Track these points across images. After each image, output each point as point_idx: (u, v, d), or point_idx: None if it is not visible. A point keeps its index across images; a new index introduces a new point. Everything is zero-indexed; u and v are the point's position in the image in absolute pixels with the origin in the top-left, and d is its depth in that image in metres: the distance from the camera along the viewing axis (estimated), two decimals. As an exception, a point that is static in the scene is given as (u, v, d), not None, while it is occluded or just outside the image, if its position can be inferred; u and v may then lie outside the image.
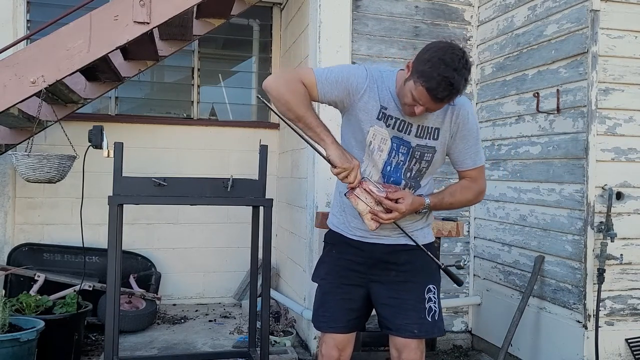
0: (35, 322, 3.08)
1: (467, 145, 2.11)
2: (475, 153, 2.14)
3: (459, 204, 2.24)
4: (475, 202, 2.27)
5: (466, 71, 1.87)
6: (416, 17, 4.01)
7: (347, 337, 2.24)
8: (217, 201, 3.02)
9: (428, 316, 2.13)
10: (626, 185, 3.14)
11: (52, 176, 3.43)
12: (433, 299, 2.15)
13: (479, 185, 2.19)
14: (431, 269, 2.20)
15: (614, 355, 3.12)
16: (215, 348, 3.75)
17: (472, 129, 2.10)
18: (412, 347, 2.12)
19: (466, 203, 2.27)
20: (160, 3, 3.23)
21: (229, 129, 5.07)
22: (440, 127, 2.07)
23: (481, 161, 2.17)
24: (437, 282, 2.22)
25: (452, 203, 2.19)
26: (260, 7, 4.92)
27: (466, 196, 2.18)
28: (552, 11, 3.38)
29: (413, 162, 2.10)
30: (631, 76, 3.13)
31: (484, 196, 2.26)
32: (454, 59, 1.84)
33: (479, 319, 4.09)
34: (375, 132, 2.08)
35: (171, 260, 4.87)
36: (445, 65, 1.83)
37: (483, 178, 2.20)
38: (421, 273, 2.17)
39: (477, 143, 2.13)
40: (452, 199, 2.17)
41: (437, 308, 2.16)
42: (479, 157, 2.16)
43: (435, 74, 1.83)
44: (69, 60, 3.18)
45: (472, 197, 2.21)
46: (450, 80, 1.83)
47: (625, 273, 3.15)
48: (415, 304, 2.13)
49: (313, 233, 3.78)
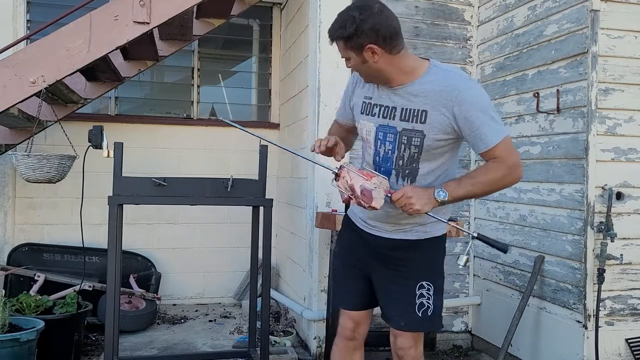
0: (35, 322, 3.08)
1: (473, 128, 1.96)
2: (485, 134, 1.95)
3: (486, 185, 2.01)
4: (511, 178, 2.02)
5: (351, 17, 1.89)
6: (416, 17, 4.01)
7: (360, 314, 2.33)
8: (217, 201, 3.02)
9: (418, 312, 2.15)
10: (626, 185, 3.14)
11: (52, 176, 3.43)
12: (426, 295, 2.15)
13: (506, 162, 1.98)
14: (428, 267, 2.19)
15: (614, 355, 3.12)
16: (215, 348, 3.75)
17: (473, 109, 1.94)
18: (407, 336, 2.19)
19: (497, 181, 2.01)
20: (160, 3, 3.23)
21: (229, 129, 5.05)
22: (429, 109, 1.98)
23: (495, 140, 1.95)
24: (434, 281, 2.18)
25: (474, 184, 2.00)
26: (260, 7, 4.92)
27: (490, 175, 1.99)
28: (552, 11, 3.38)
29: (402, 148, 2.05)
30: (631, 76, 3.13)
31: (520, 170, 2.03)
32: (353, 2, 1.96)
33: (479, 319, 4.10)
34: (362, 127, 2.16)
35: (171, 260, 4.87)
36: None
37: (508, 153, 1.98)
38: (415, 270, 2.17)
39: (484, 124, 1.94)
40: (473, 180, 2.02)
41: (430, 304, 2.15)
42: (490, 136, 1.96)
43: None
44: (69, 60, 3.18)
45: (500, 175, 1.99)
46: (336, 17, 1.92)
47: (625, 273, 3.15)
48: (405, 298, 2.16)
49: (313, 233, 3.78)
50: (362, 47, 1.92)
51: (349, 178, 2.04)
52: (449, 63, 4.03)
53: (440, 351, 3.98)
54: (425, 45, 4.03)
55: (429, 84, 1.99)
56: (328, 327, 3.56)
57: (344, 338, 2.37)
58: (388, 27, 1.91)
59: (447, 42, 4.10)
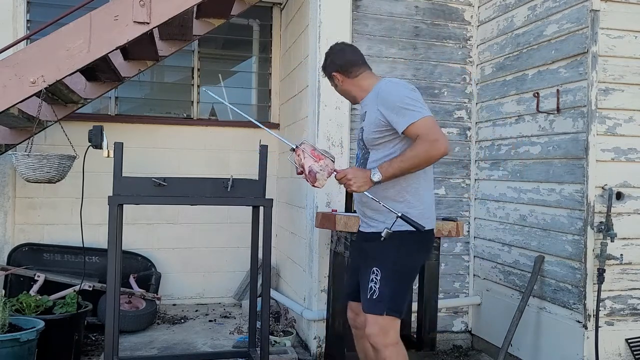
0: (35, 322, 3.08)
1: (393, 115, 2.36)
2: (402, 117, 2.33)
3: (413, 158, 2.32)
4: (434, 151, 2.30)
5: (328, 51, 2.64)
6: (416, 17, 4.01)
7: (358, 305, 2.60)
8: (217, 201, 3.01)
9: (369, 295, 2.43)
10: (626, 185, 3.14)
11: (52, 176, 3.43)
12: (374, 280, 2.43)
13: (427, 137, 2.29)
14: (379, 254, 2.43)
15: (614, 355, 3.12)
16: (215, 348, 3.75)
17: (391, 100, 2.37)
18: (370, 322, 2.43)
19: (422, 154, 2.31)
20: (160, 3, 3.23)
21: (229, 129, 5.07)
22: (368, 110, 2.50)
23: (411, 119, 2.31)
24: (383, 267, 2.42)
25: (402, 160, 2.33)
26: (260, 7, 4.92)
27: (415, 150, 2.31)
28: (552, 11, 3.38)
29: (360, 144, 2.59)
30: (631, 76, 3.13)
31: (441, 144, 2.29)
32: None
33: (479, 319, 4.10)
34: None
35: (171, 260, 4.87)
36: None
37: (427, 130, 2.30)
38: (372, 257, 2.47)
39: (401, 109, 2.34)
40: (401, 157, 2.34)
41: (376, 289, 2.41)
42: (407, 118, 2.32)
43: None
44: (69, 60, 3.18)
45: (424, 148, 2.29)
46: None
47: (625, 273, 3.15)
48: (364, 284, 2.47)
49: (313, 233, 3.78)
50: (330, 74, 2.61)
51: (302, 157, 2.43)
52: (449, 63, 4.10)
53: (440, 351, 3.97)
54: (425, 46, 4.03)
55: (372, 92, 2.51)
56: (328, 327, 3.56)
57: (352, 327, 2.76)
58: (344, 60, 2.56)
59: (447, 42, 4.10)
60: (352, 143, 3.80)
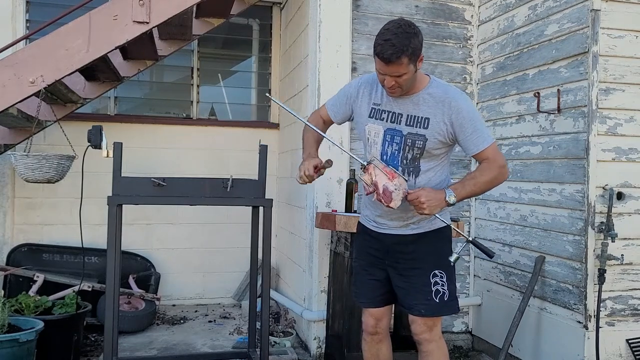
0: (34, 322, 3.07)
1: (467, 134, 2.27)
2: (477, 138, 2.27)
3: (485, 184, 2.31)
4: (501, 177, 2.33)
5: (408, 33, 2.13)
6: (416, 17, 4.00)
7: (380, 311, 2.57)
8: (216, 201, 3.00)
9: (435, 298, 2.39)
10: (627, 185, 3.13)
11: (51, 176, 3.42)
12: (440, 282, 2.39)
13: (495, 162, 2.29)
14: (437, 256, 2.41)
15: (615, 355, 3.11)
16: (215, 349, 3.75)
17: (467, 118, 2.26)
18: (419, 323, 2.43)
19: (492, 181, 2.32)
20: (160, 2, 3.22)
21: (228, 128, 5.06)
22: (431, 117, 2.29)
23: (486, 143, 2.28)
24: (444, 268, 2.40)
25: (475, 185, 2.29)
26: (260, 6, 4.92)
27: (487, 176, 2.29)
28: (553, 11, 3.37)
29: (407, 149, 2.33)
30: (632, 76, 3.12)
31: (507, 170, 2.34)
32: (391, 25, 2.16)
33: (479, 320, 4.09)
34: (369, 129, 2.41)
35: (170, 260, 4.86)
36: (385, 30, 2.16)
37: (496, 155, 2.31)
38: (426, 260, 2.41)
39: (476, 130, 2.27)
40: (474, 181, 2.30)
41: (446, 290, 2.40)
42: (481, 140, 2.28)
43: (380, 40, 2.14)
44: (68, 60, 3.17)
45: (493, 175, 2.29)
46: (391, 40, 2.11)
47: (626, 273, 3.15)
48: (422, 288, 2.39)
49: (313, 233, 3.77)
50: (419, 57, 2.19)
51: (374, 175, 2.24)
52: (450, 62, 4.10)
53: (440, 352, 3.96)
54: (426, 45, 3.96)
55: (432, 95, 2.30)
56: (328, 327, 3.55)
57: (368, 334, 2.62)
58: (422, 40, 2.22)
59: (448, 42, 4.09)
60: (352, 143, 3.79)
